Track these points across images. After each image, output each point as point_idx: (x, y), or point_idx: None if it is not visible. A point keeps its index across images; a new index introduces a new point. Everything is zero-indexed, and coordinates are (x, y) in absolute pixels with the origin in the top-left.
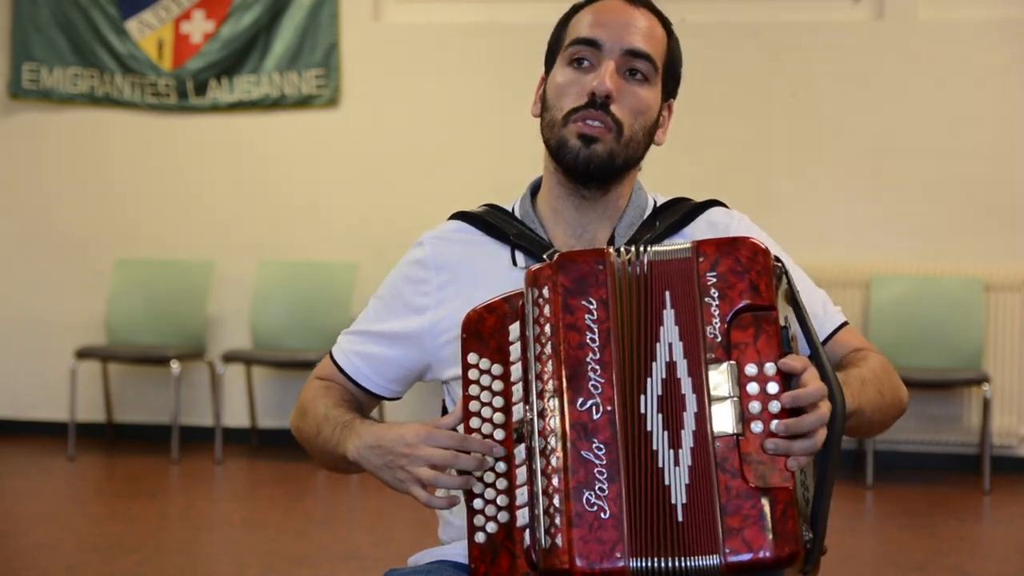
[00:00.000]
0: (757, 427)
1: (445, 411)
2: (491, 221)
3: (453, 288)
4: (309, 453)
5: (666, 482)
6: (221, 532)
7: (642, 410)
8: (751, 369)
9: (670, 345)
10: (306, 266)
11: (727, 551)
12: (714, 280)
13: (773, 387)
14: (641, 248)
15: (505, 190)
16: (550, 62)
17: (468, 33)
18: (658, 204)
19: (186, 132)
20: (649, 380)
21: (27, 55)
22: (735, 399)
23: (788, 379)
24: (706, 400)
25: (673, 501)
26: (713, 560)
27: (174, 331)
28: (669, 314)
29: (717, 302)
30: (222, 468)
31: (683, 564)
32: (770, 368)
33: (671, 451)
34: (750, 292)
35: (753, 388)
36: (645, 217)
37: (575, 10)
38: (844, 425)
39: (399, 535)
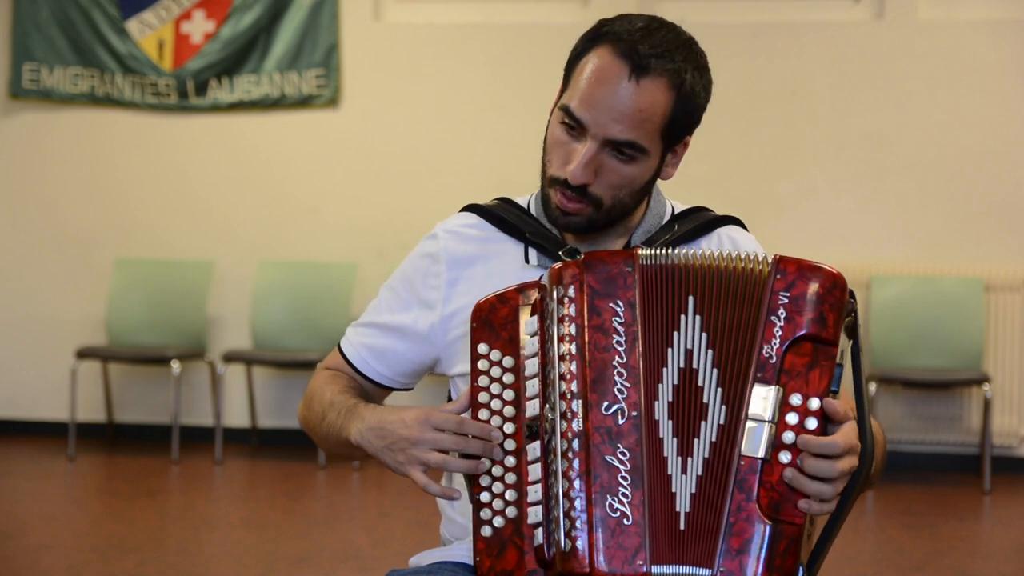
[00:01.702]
0: (785, 457)
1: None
2: (506, 217)
3: (464, 284)
4: (315, 440)
5: (672, 489)
6: (221, 532)
7: (656, 416)
8: (796, 399)
9: (688, 351)
10: (306, 266)
11: (721, 569)
12: (785, 301)
13: (812, 423)
14: (665, 249)
15: (505, 189)
16: (565, 79)
17: (468, 33)
18: (675, 212)
19: (186, 132)
20: (660, 386)
21: (27, 55)
22: (772, 424)
23: (827, 420)
24: (742, 417)
25: (677, 508)
26: (704, 572)
27: (174, 331)
28: (693, 320)
29: (782, 323)
30: (222, 468)
31: (684, 572)
32: (814, 403)
33: (679, 458)
34: (817, 323)
35: (792, 418)
36: (663, 223)
37: (593, 40)
38: (865, 485)
39: (400, 535)
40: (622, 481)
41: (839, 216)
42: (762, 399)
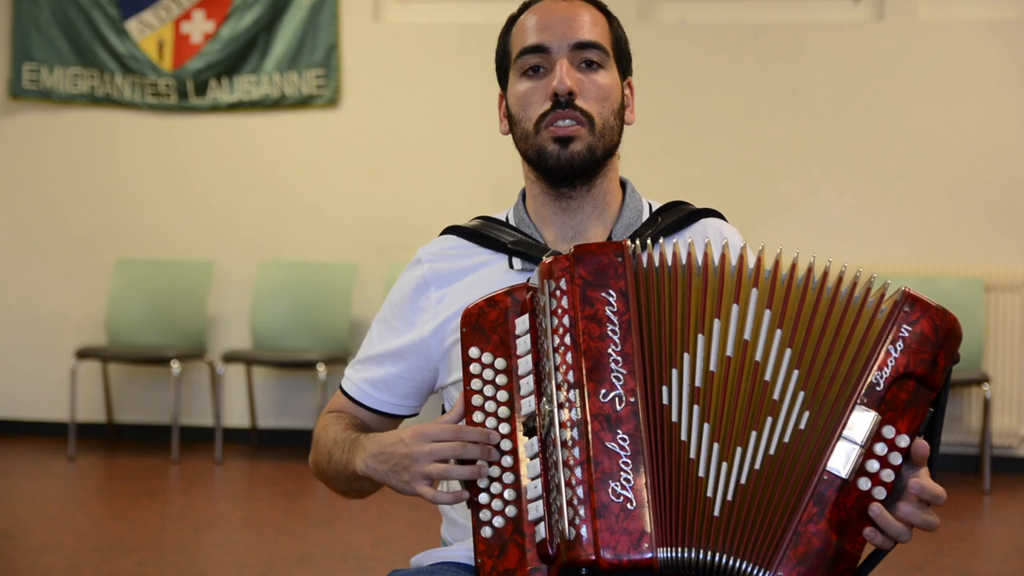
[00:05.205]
0: (863, 484)
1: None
2: (486, 233)
3: (452, 296)
4: (327, 483)
5: (700, 473)
6: (221, 532)
7: (665, 401)
8: (888, 431)
9: (745, 342)
10: (306, 266)
11: (779, 574)
12: (906, 334)
13: (896, 458)
14: (645, 241)
15: (506, 189)
16: (503, 79)
17: (468, 33)
18: (654, 208)
19: (186, 132)
20: (675, 371)
21: (27, 55)
22: (862, 448)
23: (909, 460)
24: (837, 433)
25: (709, 494)
26: (762, 573)
27: (174, 331)
28: (759, 314)
29: (897, 354)
30: (222, 468)
31: (720, 560)
32: (903, 441)
33: (715, 444)
34: (929, 365)
35: (880, 449)
36: (644, 220)
37: (511, 22)
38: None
39: (400, 535)
40: (623, 466)
41: (839, 216)
42: (861, 423)
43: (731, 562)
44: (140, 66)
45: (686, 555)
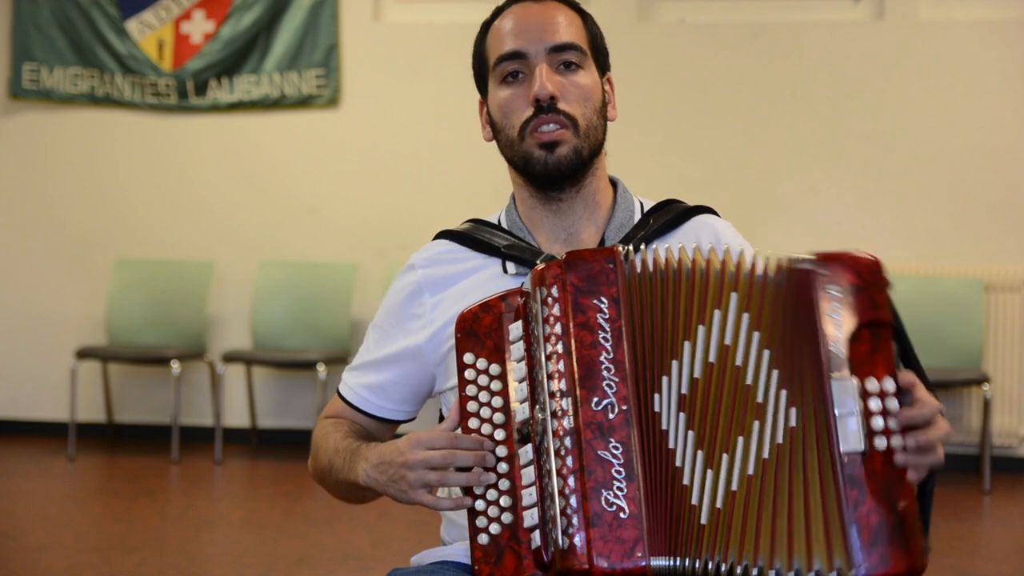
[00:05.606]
0: (881, 443)
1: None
2: (479, 237)
3: (447, 302)
4: (327, 490)
5: (684, 482)
6: (221, 532)
7: (656, 408)
8: (872, 385)
9: (727, 347)
10: (306, 266)
11: (864, 565)
12: (838, 295)
13: (893, 403)
14: (637, 245)
15: (505, 190)
16: (482, 86)
17: (468, 33)
18: (646, 207)
19: (186, 132)
20: (665, 379)
21: (27, 55)
22: (859, 415)
23: (903, 393)
24: (830, 415)
25: (694, 502)
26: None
27: (174, 331)
28: (737, 318)
29: (839, 317)
30: (222, 468)
31: (721, 567)
32: (889, 384)
33: (699, 451)
34: (872, 308)
35: (875, 404)
36: (637, 220)
37: (485, 28)
38: None
39: (400, 535)
40: (616, 475)
41: (839, 216)
42: (842, 393)
43: (747, 568)
44: (140, 66)
45: (679, 563)
